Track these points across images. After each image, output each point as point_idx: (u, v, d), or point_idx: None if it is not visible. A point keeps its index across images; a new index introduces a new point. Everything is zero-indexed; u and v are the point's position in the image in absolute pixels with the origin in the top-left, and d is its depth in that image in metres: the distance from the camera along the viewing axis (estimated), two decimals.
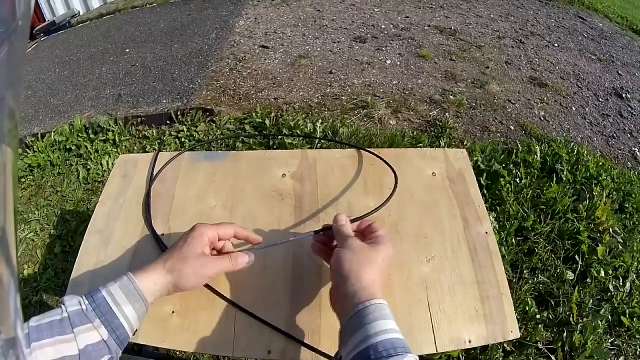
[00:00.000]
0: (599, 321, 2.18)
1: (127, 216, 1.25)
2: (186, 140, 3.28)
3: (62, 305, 0.83)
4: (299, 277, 1.10)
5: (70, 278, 1.11)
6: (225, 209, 1.25)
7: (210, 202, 1.27)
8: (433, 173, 1.35)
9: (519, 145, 3.26)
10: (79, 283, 1.10)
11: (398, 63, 4.30)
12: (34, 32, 5.66)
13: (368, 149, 1.39)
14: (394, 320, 0.81)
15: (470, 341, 1.02)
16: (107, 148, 3.31)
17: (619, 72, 4.43)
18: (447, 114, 3.62)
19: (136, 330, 0.91)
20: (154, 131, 3.41)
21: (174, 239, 1.15)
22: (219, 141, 3.24)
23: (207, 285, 1.07)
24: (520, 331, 2.15)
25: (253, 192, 1.29)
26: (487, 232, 1.21)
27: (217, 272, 0.98)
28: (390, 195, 1.21)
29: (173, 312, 1.04)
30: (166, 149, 3.20)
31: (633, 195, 2.93)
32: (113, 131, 3.38)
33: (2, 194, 0.41)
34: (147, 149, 3.26)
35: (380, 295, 0.85)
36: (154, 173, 1.36)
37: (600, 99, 3.99)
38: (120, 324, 0.84)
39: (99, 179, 3.11)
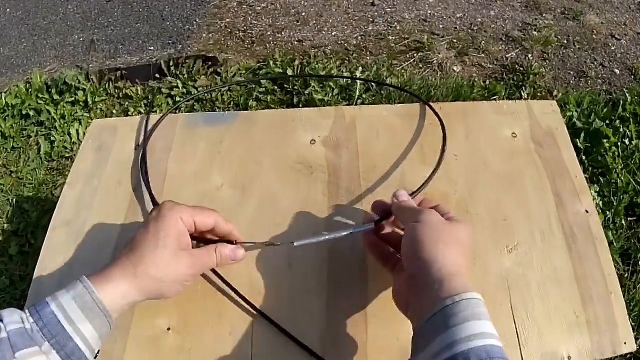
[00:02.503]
0: None
1: (105, 202, 1.24)
2: (182, 100, 3.26)
3: (0, 323, 0.78)
4: (338, 276, 1.09)
5: (31, 287, 1.11)
6: (235, 189, 1.25)
7: (216, 181, 1.27)
8: (513, 134, 1.34)
9: (627, 94, 3.18)
10: (42, 294, 1.05)
11: None
12: None
13: (415, 95, 1.37)
14: (491, 322, 0.77)
15: (570, 357, 1.01)
16: (77, 113, 3.31)
17: None
18: (530, 55, 3.57)
19: (98, 352, 0.88)
20: (139, 89, 3.41)
21: None
22: (222, 93, 3.24)
23: (218, 286, 1.07)
24: (637, 342, 2.13)
25: (272, 166, 1.29)
26: (588, 211, 1.19)
27: (202, 271, 0.99)
28: (440, 159, 1.21)
29: (169, 328, 1.03)
30: (155, 111, 3.20)
31: None
32: (84, 90, 3.38)
33: None
34: (130, 113, 3.26)
35: (472, 286, 0.81)
36: (147, 136, 1.37)
37: None
38: (77, 347, 0.81)
39: (67, 154, 3.12)
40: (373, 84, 3.15)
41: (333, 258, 1.10)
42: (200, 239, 1.02)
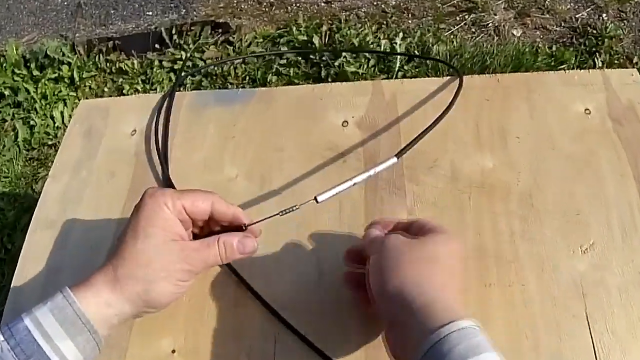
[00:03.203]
0: None
1: (96, 197, 1.25)
2: (187, 73, 3.25)
3: None
4: None
5: (7, 301, 1.11)
6: (252, 181, 1.25)
7: (229, 171, 1.27)
8: (587, 110, 1.31)
9: None
10: (22, 308, 0.98)
11: None
12: None
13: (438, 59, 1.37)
14: (495, 353, 0.72)
15: None
16: (60, 91, 3.31)
17: None
18: (604, 15, 3.54)
19: None
20: (136, 62, 3.42)
21: None
22: (235, 66, 3.23)
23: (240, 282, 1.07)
24: None
25: (296, 153, 1.28)
26: None
27: (202, 268, 0.93)
28: (452, 101, 1.21)
29: (174, 350, 1.03)
30: (155, 89, 3.20)
31: None
32: (69, 64, 3.39)
33: None
34: (125, 91, 3.27)
35: (462, 310, 0.78)
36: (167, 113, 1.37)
37: None
38: None
39: (50, 141, 3.13)
40: (416, 52, 3.15)
41: None
42: (206, 235, 0.98)
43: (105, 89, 3.29)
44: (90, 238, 1.17)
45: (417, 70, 3.03)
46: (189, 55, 3.33)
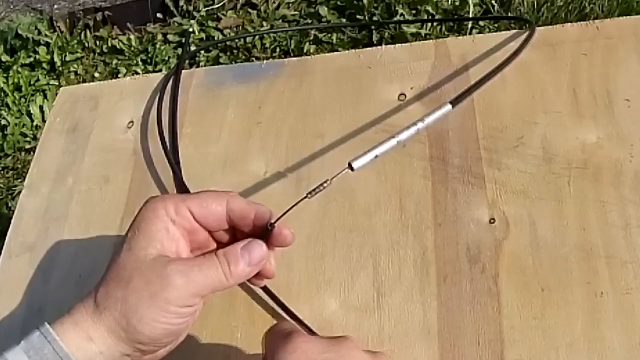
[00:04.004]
0: None
1: (86, 210, 1.25)
2: (199, 47, 3.25)
3: None
4: (452, 305, 1.05)
5: None
6: (285, 177, 1.24)
7: (255, 167, 1.26)
8: None
9: None
10: None
11: None
12: None
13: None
14: None
15: None
16: (38, 80, 3.32)
17: None
18: None
19: None
20: (133, 37, 3.42)
21: None
22: (261, 35, 3.23)
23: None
24: None
25: (341, 139, 1.27)
26: None
27: (204, 290, 0.83)
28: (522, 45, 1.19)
29: None
30: (160, 70, 3.21)
31: None
32: (48, 44, 3.39)
33: None
34: (121, 75, 3.28)
35: None
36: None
37: None
38: None
39: (28, 145, 3.14)
40: (493, 7, 3.13)
41: (443, 278, 1.08)
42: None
43: (96, 74, 3.29)
44: (80, 264, 1.17)
45: (495, 25, 3.01)
46: (201, 25, 3.33)
